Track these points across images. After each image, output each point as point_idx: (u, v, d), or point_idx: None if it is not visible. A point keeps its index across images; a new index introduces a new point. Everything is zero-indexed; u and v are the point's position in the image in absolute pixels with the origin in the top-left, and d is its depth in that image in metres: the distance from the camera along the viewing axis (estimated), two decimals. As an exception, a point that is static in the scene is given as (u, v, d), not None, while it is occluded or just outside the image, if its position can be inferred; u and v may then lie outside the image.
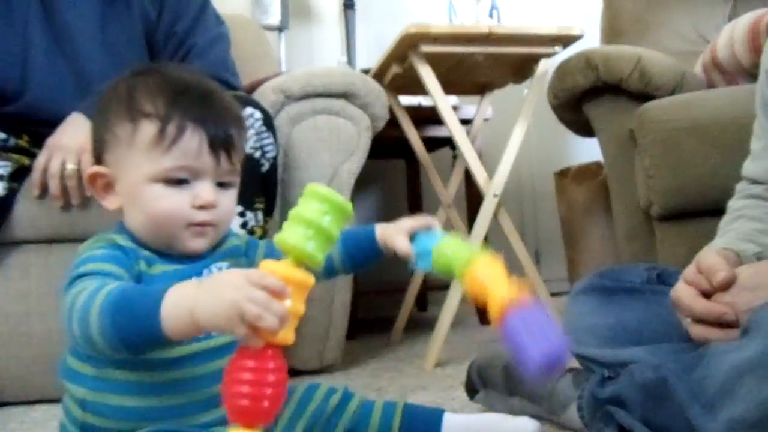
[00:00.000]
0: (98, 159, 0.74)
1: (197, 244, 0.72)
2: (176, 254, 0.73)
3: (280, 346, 0.56)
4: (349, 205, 0.62)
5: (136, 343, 0.59)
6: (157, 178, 0.69)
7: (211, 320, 0.55)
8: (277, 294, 0.54)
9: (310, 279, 0.59)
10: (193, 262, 0.73)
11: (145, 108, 0.70)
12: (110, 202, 0.74)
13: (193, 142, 0.70)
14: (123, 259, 0.69)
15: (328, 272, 0.80)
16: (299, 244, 0.58)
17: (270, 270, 0.57)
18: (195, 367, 0.70)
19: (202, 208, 0.70)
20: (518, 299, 0.62)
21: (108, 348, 0.59)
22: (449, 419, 0.80)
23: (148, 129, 0.70)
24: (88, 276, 0.65)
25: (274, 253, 0.75)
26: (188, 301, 0.56)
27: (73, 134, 1.17)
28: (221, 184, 0.73)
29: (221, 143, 0.71)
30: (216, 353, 0.71)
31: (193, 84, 0.74)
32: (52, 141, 1.19)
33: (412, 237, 0.76)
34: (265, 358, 0.55)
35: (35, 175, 1.20)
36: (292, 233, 0.59)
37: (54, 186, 1.18)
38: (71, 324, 0.62)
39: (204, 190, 0.70)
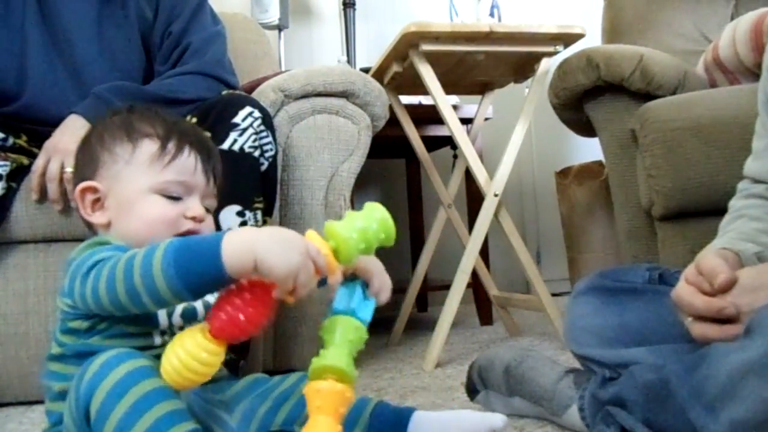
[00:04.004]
0: (85, 179, 0.80)
1: None
2: None
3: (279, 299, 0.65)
4: (394, 235, 0.70)
5: (198, 282, 0.64)
6: (156, 189, 0.78)
7: (272, 269, 0.62)
8: (319, 272, 0.65)
9: (336, 271, 0.68)
10: None
11: (144, 129, 0.80)
12: (97, 218, 0.80)
13: (190, 160, 0.80)
14: (123, 250, 0.72)
15: None
16: (347, 238, 0.67)
17: (316, 244, 0.66)
18: None
19: (191, 219, 0.79)
20: None
21: (170, 293, 0.63)
22: (419, 415, 0.82)
23: (148, 146, 0.79)
24: (109, 258, 0.68)
25: None
26: (249, 245, 0.62)
27: (71, 136, 1.16)
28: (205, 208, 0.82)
29: (211, 168, 0.82)
30: None
31: (181, 119, 0.86)
32: (50, 144, 1.18)
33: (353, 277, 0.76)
34: (267, 296, 0.64)
35: (34, 179, 1.19)
36: (346, 228, 0.68)
37: (53, 189, 1.18)
38: (113, 288, 0.65)
39: (195, 204, 0.80)
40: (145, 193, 0.77)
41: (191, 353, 0.62)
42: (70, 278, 0.70)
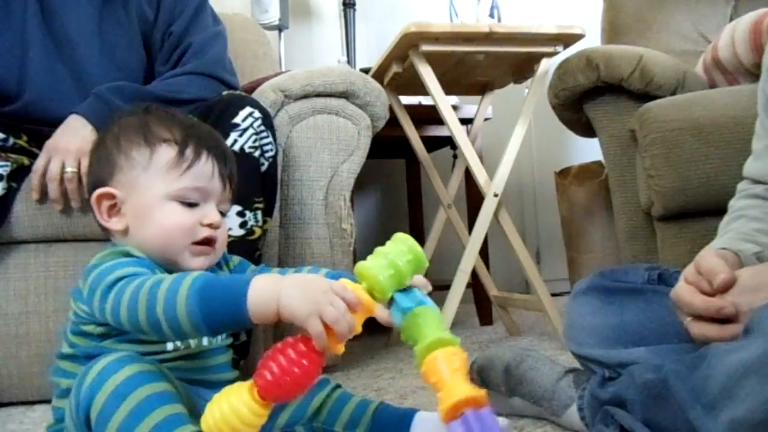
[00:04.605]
0: (101, 183, 0.79)
1: (197, 262, 0.78)
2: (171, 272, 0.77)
3: (327, 352, 0.63)
4: (426, 260, 0.69)
5: (220, 323, 0.64)
6: (173, 196, 0.77)
7: (293, 311, 0.62)
8: (352, 307, 0.63)
9: (374, 307, 0.67)
10: None
11: (162, 134, 0.78)
12: (114, 224, 0.79)
13: (208, 166, 0.79)
14: (145, 265, 0.72)
15: None
16: (377, 273, 0.66)
17: (349, 287, 0.65)
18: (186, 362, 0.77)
19: (208, 226, 0.78)
20: (470, 401, 0.61)
21: (191, 328, 0.63)
22: (421, 416, 0.83)
23: (166, 152, 0.77)
24: (130, 277, 0.68)
25: None
26: (273, 291, 0.62)
27: (71, 137, 1.16)
28: (220, 212, 0.81)
29: (227, 173, 0.81)
30: (207, 353, 0.79)
31: (198, 122, 0.84)
32: (50, 144, 1.18)
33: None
34: (311, 353, 0.62)
35: (34, 179, 1.19)
36: (374, 264, 0.67)
37: (53, 189, 1.18)
38: (134, 312, 0.65)
39: (211, 211, 0.79)
40: (162, 200, 0.76)
41: (234, 409, 0.61)
42: (90, 289, 0.69)
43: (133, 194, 0.77)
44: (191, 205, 0.78)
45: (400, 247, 0.68)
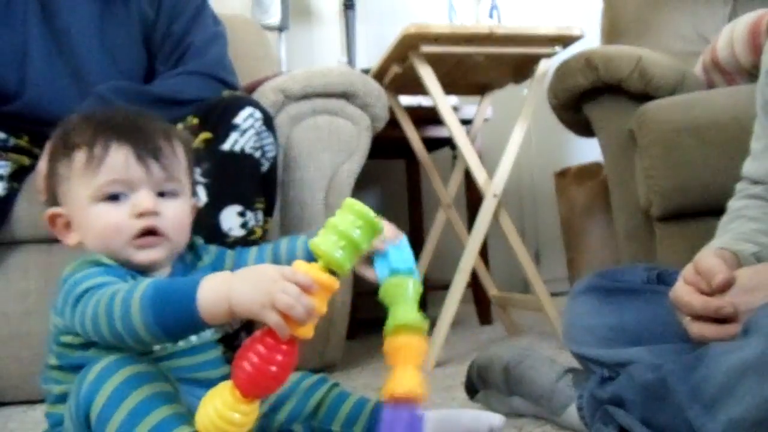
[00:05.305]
0: (54, 201, 0.79)
1: (144, 256, 0.75)
2: (144, 272, 0.76)
3: (298, 338, 0.61)
4: (380, 223, 0.66)
5: (176, 330, 0.63)
6: (95, 197, 0.74)
7: (246, 307, 0.60)
8: (306, 289, 0.60)
9: (335, 283, 0.63)
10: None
11: (75, 140, 0.76)
12: (70, 239, 0.78)
13: (119, 156, 0.74)
14: (115, 273, 0.72)
15: None
16: (330, 250, 0.63)
17: (302, 269, 0.62)
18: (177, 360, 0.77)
19: (141, 216, 0.74)
20: (408, 396, 0.65)
21: (151, 338, 0.63)
22: None
23: (79, 157, 0.75)
24: (96, 288, 0.67)
25: (242, 259, 0.83)
26: (224, 289, 0.61)
27: None
28: (162, 195, 0.77)
29: (149, 153, 0.75)
30: (196, 349, 0.78)
31: (118, 113, 0.80)
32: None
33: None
34: (280, 344, 0.61)
35: (40, 181, 1.20)
36: (325, 240, 0.64)
37: None
38: (98, 327, 0.65)
39: (141, 198, 0.74)
40: (88, 205, 0.74)
41: (221, 414, 0.61)
42: (63, 301, 0.70)
43: (70, 206, 0.77)
44: (118, 198, 0.74)
45: (348, 216, 0.65)
